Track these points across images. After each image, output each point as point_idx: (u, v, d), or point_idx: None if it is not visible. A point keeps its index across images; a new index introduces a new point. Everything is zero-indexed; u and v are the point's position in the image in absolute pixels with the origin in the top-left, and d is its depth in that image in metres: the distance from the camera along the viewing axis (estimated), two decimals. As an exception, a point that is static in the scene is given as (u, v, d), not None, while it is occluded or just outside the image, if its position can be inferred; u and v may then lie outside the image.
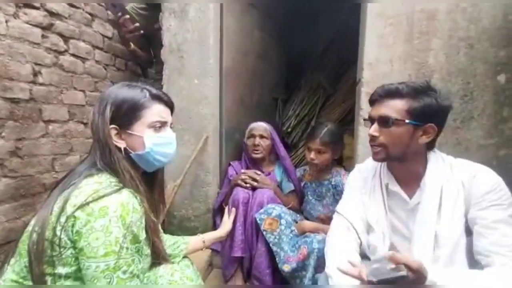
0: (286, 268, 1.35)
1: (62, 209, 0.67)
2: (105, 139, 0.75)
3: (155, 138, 0.80)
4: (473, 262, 0.79)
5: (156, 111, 0.80)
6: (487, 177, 0.82)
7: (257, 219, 1.47)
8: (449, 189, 0.84)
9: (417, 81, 0.88)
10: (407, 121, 0.84)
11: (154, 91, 0.82)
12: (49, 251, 0.67)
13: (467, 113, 1.35)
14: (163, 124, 0.82)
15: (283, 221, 1.44)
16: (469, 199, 0.82)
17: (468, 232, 0.83)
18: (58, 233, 0.66)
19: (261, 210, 1.50)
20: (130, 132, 0.78)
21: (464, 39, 1.32)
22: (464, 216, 0.82)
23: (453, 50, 1.34)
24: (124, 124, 0.78)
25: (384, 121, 0.86)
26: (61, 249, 0.67)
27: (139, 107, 0.78)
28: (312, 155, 1.52)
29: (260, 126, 1.82)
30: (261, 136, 1.79)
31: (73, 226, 0.66)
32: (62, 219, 0.67)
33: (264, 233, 1.45)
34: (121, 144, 0.78)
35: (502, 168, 0.84)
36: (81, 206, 0.66)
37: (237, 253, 1.50)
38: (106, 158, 0.75)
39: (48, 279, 0.68)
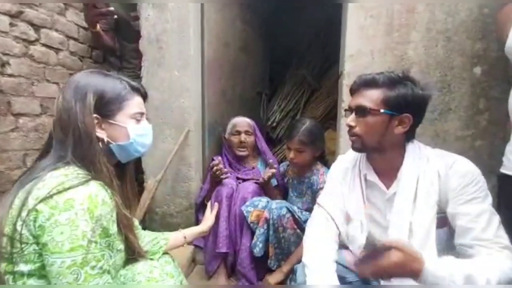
0: None
1: (24, 203, 0.63)
2: (86, 129, 0.71)
3: (138, 129, 0.81)
4: (440, 249, 0.81)
5: (136, 103, 0.81)
6: (465, 169, 0.82)
7: (244, 212, 1.45)
8: (424, 179, 0.85)
9: (395, 71, 0.88)
10: (382, 110, 0.83)
11: (132, 82, 0.83)
12: (9, 247, 0.63)
13: (445, 105, 1.37)
14: (141, 115, 0.83)
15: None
16: (445, 191, 0.83)
17: (440, 223, 0.83)
18: (18, 228, 0.62)
19: (247, 203, 1.48)
20: (112, 122, 0.76)
21: (442, 32, 1.34)
22: (436, 205, 0.83)
23: (432, 43, 1.36)
24: (106, 114, 0.76)
25: (361, 111, 0.86)
26: (23, 245, 0.63)
27: (121, 97, 0.78)
28: (292, 154, 1.51)
29: (244, 122, 1.79)
30: (247, 132, 1.76)
31: (35, 220, 0.62)
32: (24, 213, 0.63)
33: (251, 225, 1.43)
34: (102, 134, 0.76)
35: (478, 158, 0.85)
36: (44, 199, 0.62)
37: (222, 249, 1.47)
38: (83, 150, 0.71)
39: (9, 277, 0.64)
